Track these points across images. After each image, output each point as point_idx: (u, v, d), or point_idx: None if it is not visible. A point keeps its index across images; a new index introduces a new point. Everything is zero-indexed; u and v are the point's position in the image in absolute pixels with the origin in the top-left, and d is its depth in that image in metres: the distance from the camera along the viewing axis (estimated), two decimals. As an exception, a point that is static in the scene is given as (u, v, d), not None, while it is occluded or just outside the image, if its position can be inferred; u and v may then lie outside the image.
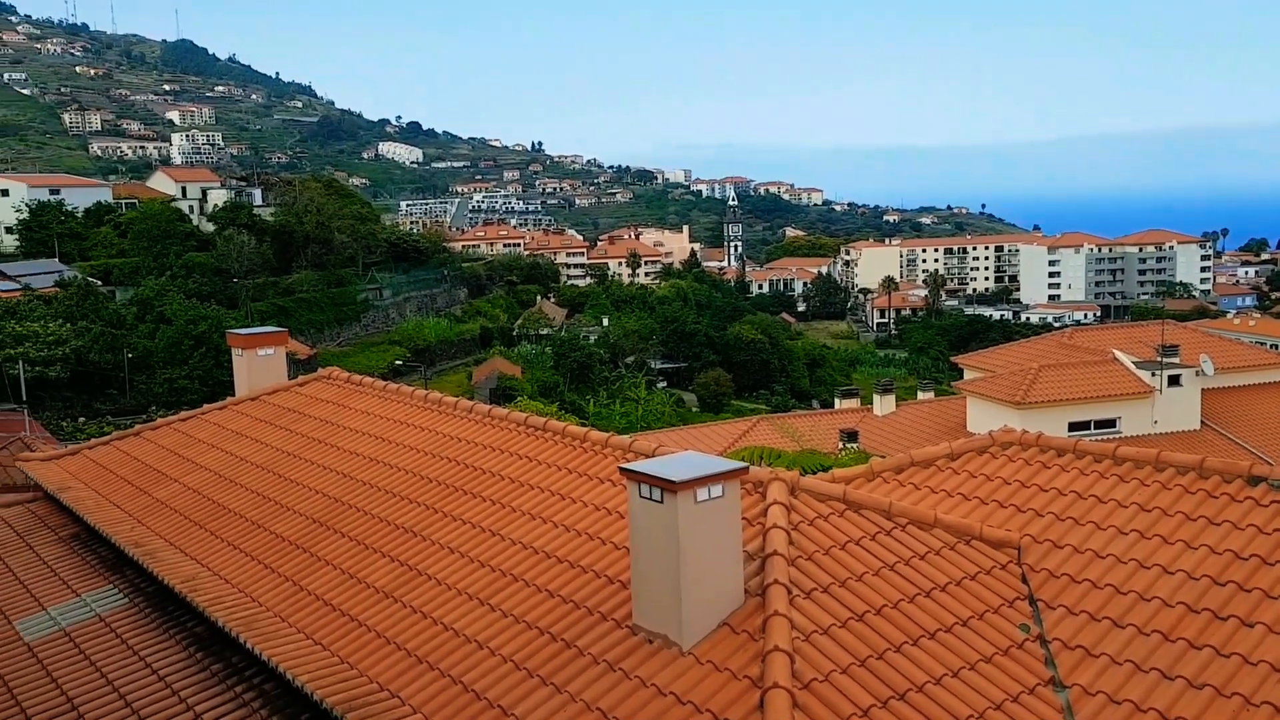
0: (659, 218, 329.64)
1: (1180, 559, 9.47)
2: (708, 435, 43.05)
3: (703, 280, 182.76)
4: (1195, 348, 40.65)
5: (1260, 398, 39.78)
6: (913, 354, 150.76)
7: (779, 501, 9.89)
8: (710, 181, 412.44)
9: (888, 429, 41.78)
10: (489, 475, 12.17)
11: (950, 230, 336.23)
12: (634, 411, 67.90)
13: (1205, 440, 36.72)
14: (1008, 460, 11.72)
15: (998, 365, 41.83)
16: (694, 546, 8.43)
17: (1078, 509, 10.56)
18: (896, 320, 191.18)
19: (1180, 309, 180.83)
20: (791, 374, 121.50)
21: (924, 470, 11.94)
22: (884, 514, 10.31)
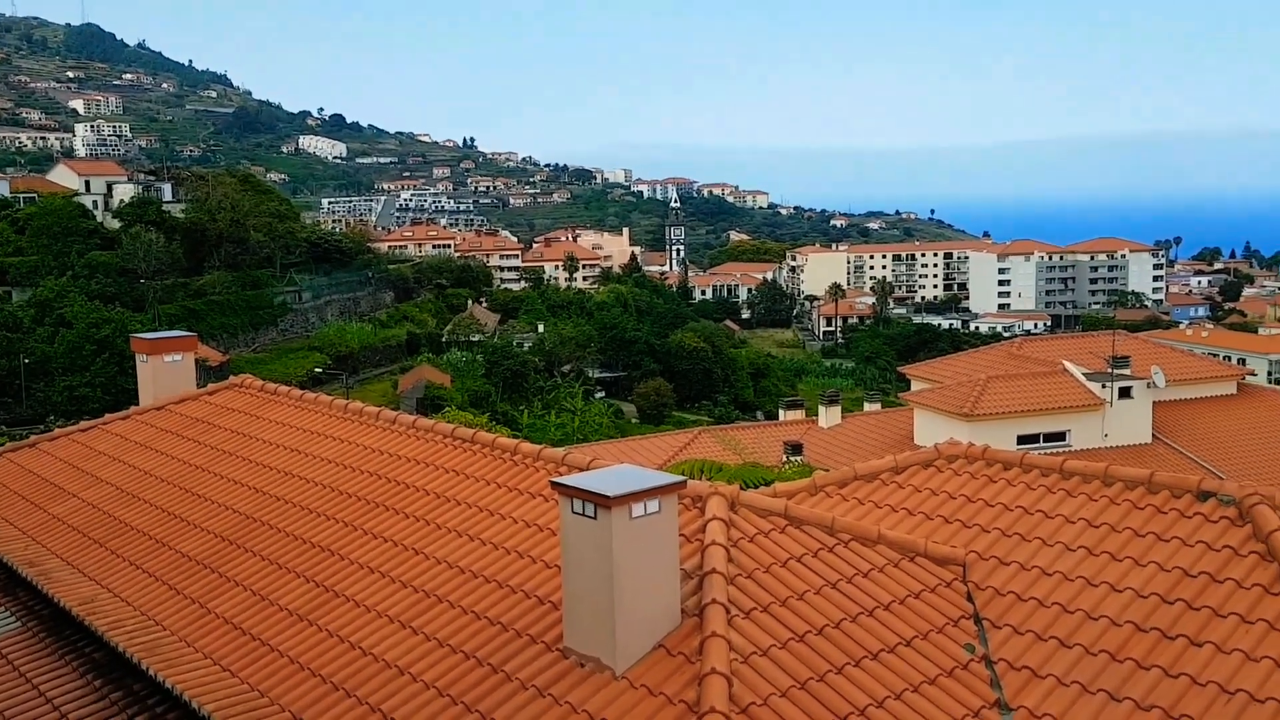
0: (598, 219, 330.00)
1: (1128, 576, 9.69)
2: (647, 448, 43.07)
3: (643, 285, 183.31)
4: (1147, 359, 41.70)
5: (1212, 410, 40.91)
6: (859, 364, 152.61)
7: (718, 517, 9.92)
8: (652, 182, 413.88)
9: (833, 441, 42.18)
10: (413, 490, 12.07)
11: (899, 236, 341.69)
12: (570, 423, 67.75)
13: (1156, 454, 37.66)
14: (954, 474, 11.90)
15: (946, 376, 42.49)
16: (629, 565, 8.42)
17: (1024, 524, 10.75)
18: (843, 328, 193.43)
19: (1132, 319, 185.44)
20: (735, 384, 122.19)
21: (868, 484, 12.07)
22: (826, 530, 10.40)
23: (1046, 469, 11.48)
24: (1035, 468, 11.57)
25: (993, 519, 10.97)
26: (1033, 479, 11.43)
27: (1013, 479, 11.53)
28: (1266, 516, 9.79)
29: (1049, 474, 11.42)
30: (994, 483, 11.57)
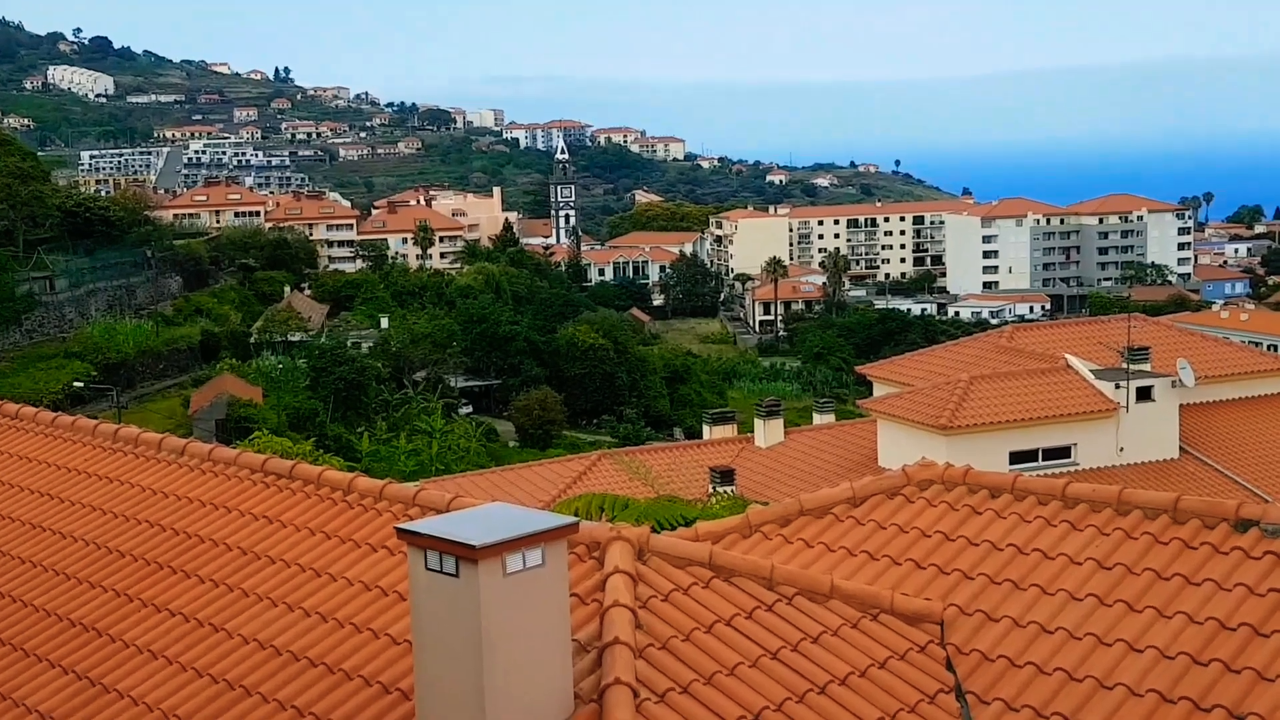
0: (459, 176, 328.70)
1: (1150, 631, 9.97)
2: (530, 479, 43.00)
3: (522, 263, 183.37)
4: (1172, 350, 43.06)
5: (1254, 414, 42.42)
6: (807, 363, 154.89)
7: (623, 570, 9.94)
8: (531, 127, 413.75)
9: (774, 466, 42.55)
10: (208, 545, 11.94)
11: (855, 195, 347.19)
12: (427, 449, 67.31)
13: (1185, 472, 38.94)
14: (927, 504, 12.10)
15: (917, 377, 43.32)
16: (503, 637, 8.38)
17: (1018, 568, 10.98)
18: (785, 317, 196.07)
19: (1153, 298, 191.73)
20: (646, 393, 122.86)
21: (818, 521, 12.20)
22: (764, 582, 10.48)
23: (1045, 495, 11.74)
24: (1030, 494, 11.82)
25: (978, 562, 11.18)
26: (1028, 509, 11.68)
27: (1002, 509, 11.77)
28: (1321, 550, 10.17)
29: (1048, 501, 11.68)
30: (979, 515, 11.79)
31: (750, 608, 10.14)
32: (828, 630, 10.12)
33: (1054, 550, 11.07)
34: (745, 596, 10.29)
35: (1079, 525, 11.30)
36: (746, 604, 10.19)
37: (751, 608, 10.15)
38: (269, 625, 10.57)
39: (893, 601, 10.58)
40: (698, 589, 10.22)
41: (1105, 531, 11.12)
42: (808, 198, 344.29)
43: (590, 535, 10.43)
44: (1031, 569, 10.95)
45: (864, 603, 10.52)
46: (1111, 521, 11.22)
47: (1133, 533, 11.01)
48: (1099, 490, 11.57)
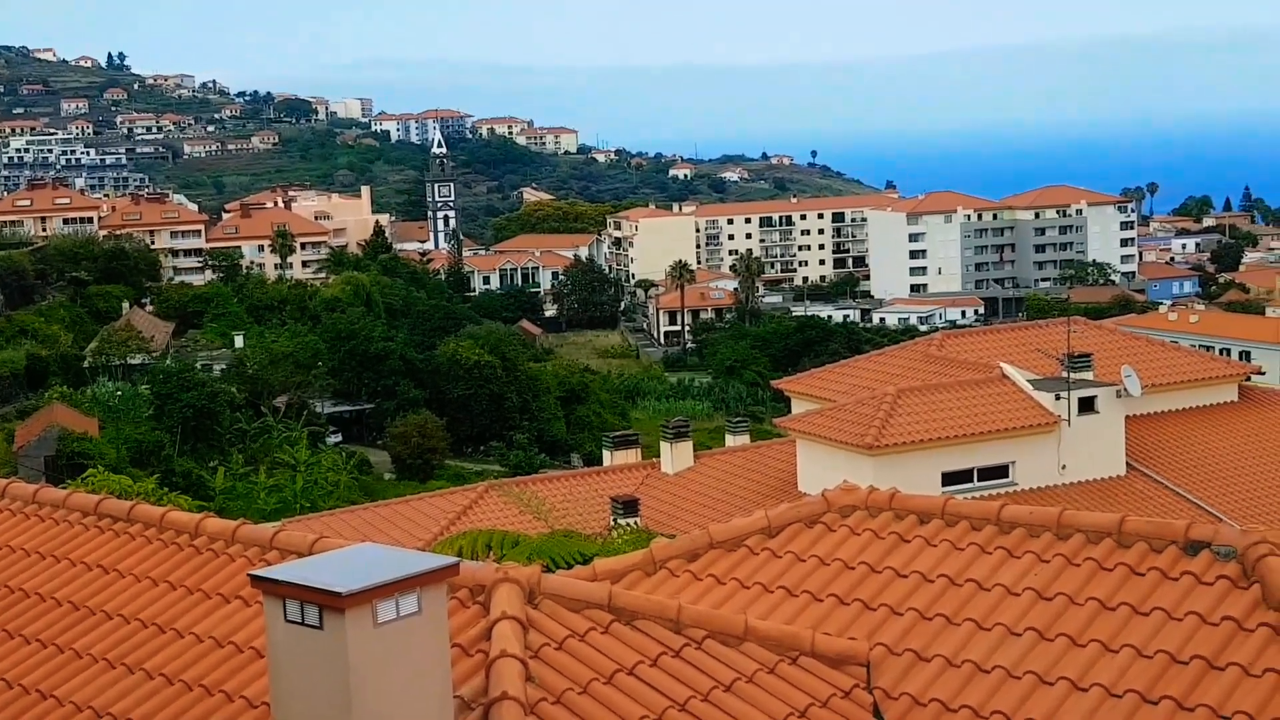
0: (323, 175, 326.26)
1: (1095, 668, 10.13)
2: (408, 516, 42.71)
3: (396, 272, 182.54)
4: (1116, 356, 43.90)
5: (1206, 425, 43.37)
6: (719, 378, 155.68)
7: (511, 615, 9.90)
8: (404, 117, 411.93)
9: (682, 493, 42.65)
10: (33, 600, 11.73)
11: (768, 191, 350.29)
12: (289, 484, 66.51)
13: (1132, 490, 39.70)
14: (850, 533, 12.20)
15: (840, 391, 43.71)
16: (375, 696, 8.30)
17: (950, 601, 11.11)
18: (694, 327, 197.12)
19: (1095, 300, 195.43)
20: (539, 415, 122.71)
21: (730, 554, 12.24)
22: (671, 625, 10.50)
23: (979, 520, 11.90)
24: (963, 518, 11.97)
25: (906, 595, 11.29)
26: (960, 535, 11.83)
27: (932, 536, 11.90)
28: (1278, 574, 10.40)
29: (982, 526, 11.83)
30: (906, 543, 11.91)
31: (655, 654, 10.14)
32: (742, 677, 10.15)
33: (989, 580, 11.21)
34: (649, 641, 10.28)
35: (1016, 552, 11.46)
36: (651, 650, 10.18)
37: (656, 654, 10.15)
38: (105, 690, 10.37)
39: (814, 642, 10.64)
40: (596, 634, 10.21)
41: (1045, 558, 11.28)
42: (716, 194, 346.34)
43: (474, 578, 10.38)
44: (965, 602, 11.08)
45: (782, 645, 10.57)
46: (1051, 547, 11.39)
47: (1074, 559, 11.19)
48: (1037, 513, 11.75)
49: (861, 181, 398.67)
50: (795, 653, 10.55)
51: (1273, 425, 43.84)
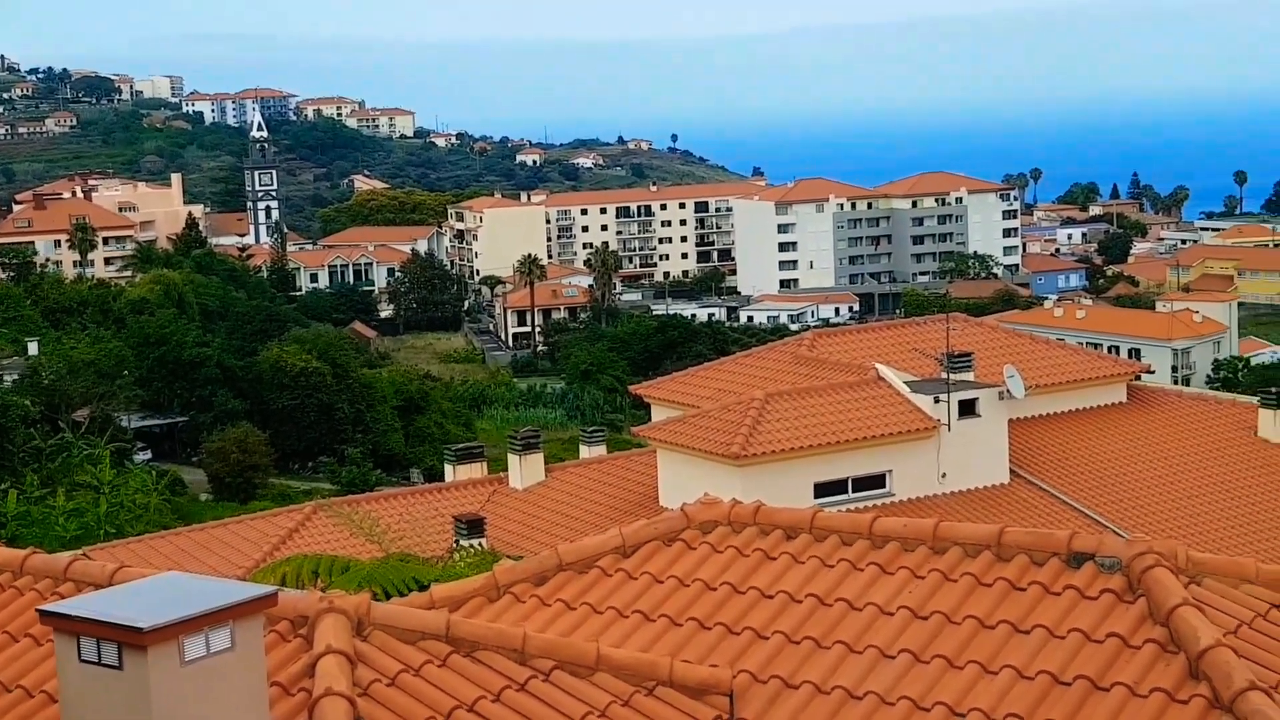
0: (128, 161, 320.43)
1: (973, 692, 10.29)
2: (226, 541, 42.08)
3: (212, 269, 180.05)
4: (998, 355, 44.68)
5: (1094, 428, 44.34)
6: (573, 383, 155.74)
7: (337, 649, 9.79)
8: (219, 97, 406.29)
9: (533, 511, 42.53)
10: None
11: (625, 178, 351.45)
12: (92, 508, 65.08)
13: (1016, 499, 40.45)
14: (711, 550, 12.24)
15: (704, 397, 43.89)
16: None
17: (820, 623, 11.21)
18: (545, 328, 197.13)
19: (976, 295, 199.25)
20: (374, 427, 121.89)
21: (581, 577, 12.24)
22: (515, 655, 10.47)
23: (849, 534, 12.02)
24: (833, 533, 12.09)
25: (772, 618, 11.37)
26: (830, 551, 11.94)
27: (800, 553, 11.99)
28: (1165, 586, 10.66)
29: (853, 541, 11.96)
30: (772, 560, 11.99)
31: (498, 688, 10.10)
32: (594, 711, 10.14)
33: (861, 599, 11.33)
34: (492, 674, 10.24)
35: (889, 568, 11.60)
36: (493, 684, 10.14)
37: (499, 688, 10.11)
38: (-126, 745, 10.06)
39: (672, 671, 10.66)
40: (432, 668, 10.14)
41: (920, 574, 11.44)
42: (568, 181, 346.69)
43: (295, 608, 10.26)
44: (835, 623, 11.18)
45: (638, 674, 10.57)
46: (927, 562, 11.54)
47: (951, 574, 11.36)
48: (911, 525, 11.89)
49: (726, 168, 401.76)
50: (652, 683, 10.56)
51: (1163, 427, 44.98)
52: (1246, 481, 41.68)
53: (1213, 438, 44.35)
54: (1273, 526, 39.35)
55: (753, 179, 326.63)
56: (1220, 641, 9.97)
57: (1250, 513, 40.11)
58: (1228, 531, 38.74)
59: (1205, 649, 9.91)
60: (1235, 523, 39.50)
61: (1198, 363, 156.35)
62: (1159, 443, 43.99)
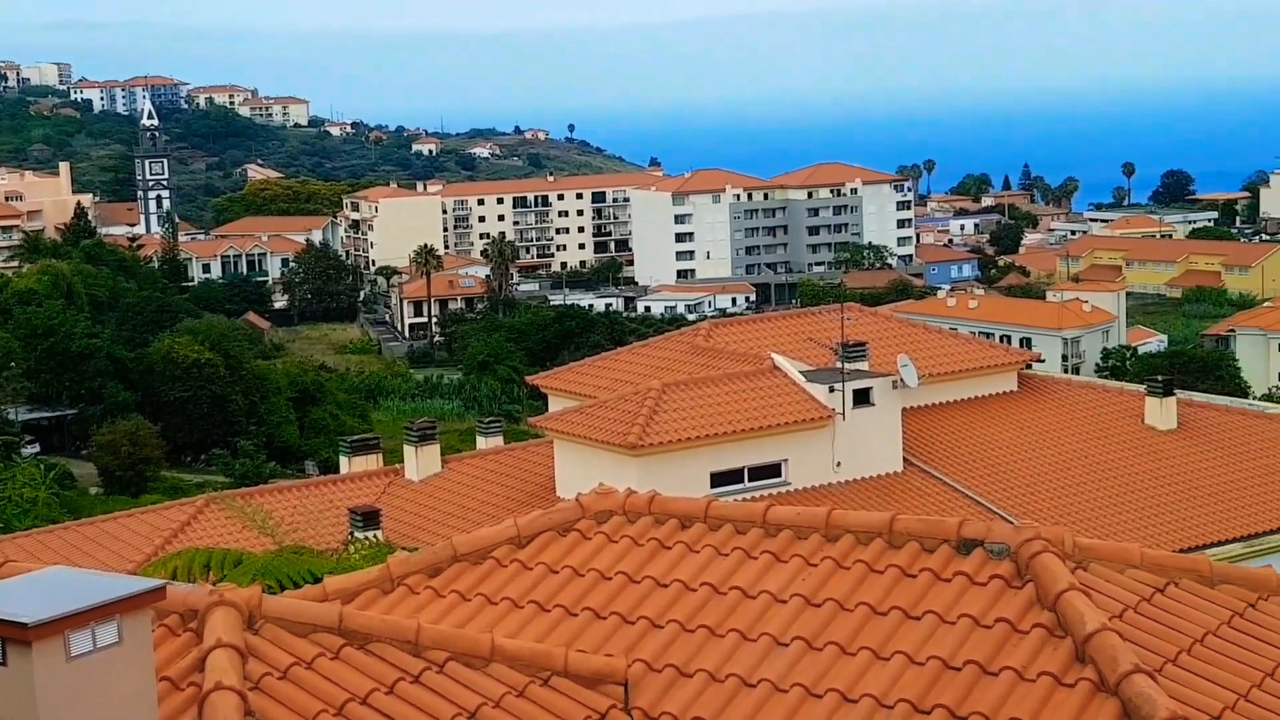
0: (14, 149, 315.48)
1: (865, 678, 10.38)
2: (117, 535, 41.60)
3: (101, 259, 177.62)
4: (892, 344, 45.11)
5: (985, 416, 44.92)
6: (470, 374, 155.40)
7: (227, 643, 9.71)
8: (109, 85, 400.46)
9: (429, 502, 42.41)
10: None
11: (521, 169, 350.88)
12: (-23, 503, 64.09)
13: (910, 487, 40.88)
14: (607, 540, 12.27)
15: (601, 387, 43.98)
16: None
17: (714, 612, 11.26)
18: (442, 319, 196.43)
19: (871, 285, 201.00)
20: (268, 419, 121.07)
21: (476, 568, 12.22)
22: (409, 647, 10.43)
23: (743, 523, 12.08)
24: (727, 522, 12.15)
25: (667, 607, 11.41)
26: (724, 539, 12.00)
27: (695, 542, 12.04)
28: (1052, 571, 10.81)
29: (747, 530, 12.02)
30: (667, 550, 12.03)
31: (391, 680, 10.05)
32: (488, 702, 10.13)
33: (755, 588, 11.39)
34: (385, 666, 10.19)
35: (783, 556, 11.67)
36: (387, 676, 10.09)
37: (393, 680, 10.06)
38: None
39: (567, 661, 10.67)
40: (325, 661, 10.07)
41: (813, 562, 11.52)
42: (464, 171, 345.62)
43: (185, 602, 10.15)
44: (729, 611, 11.24)
45: (532, 665, 10.57)
46: (820, 550, 11.63)
47: (844, 561, 11.45)
48: (804, 514, 11.98)
49: (623, 159, 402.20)
50: (547, 673, 10.57)
51: (1052, 415, 45.64)
52: (1133, 468, 42.40)
53: (1101, 425, 45.07)
54: (1158, 512, 40.08)
55: (650, 169, 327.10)
56: (1106, 625, 10.12)
57: (1136, 499, 40.82)
58: (1114, 517, 39.41)
59: (1091, 633, 10.06)
60: (1122, 509, 40.18)
61: (1087, 351, 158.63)
62: (1049, 430, 44.63)
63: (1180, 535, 38.29)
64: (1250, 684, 10.19)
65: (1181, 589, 11.39)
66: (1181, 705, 9.51)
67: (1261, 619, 11.21)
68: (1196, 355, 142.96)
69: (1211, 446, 43.87)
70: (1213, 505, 40.57)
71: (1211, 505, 40.57)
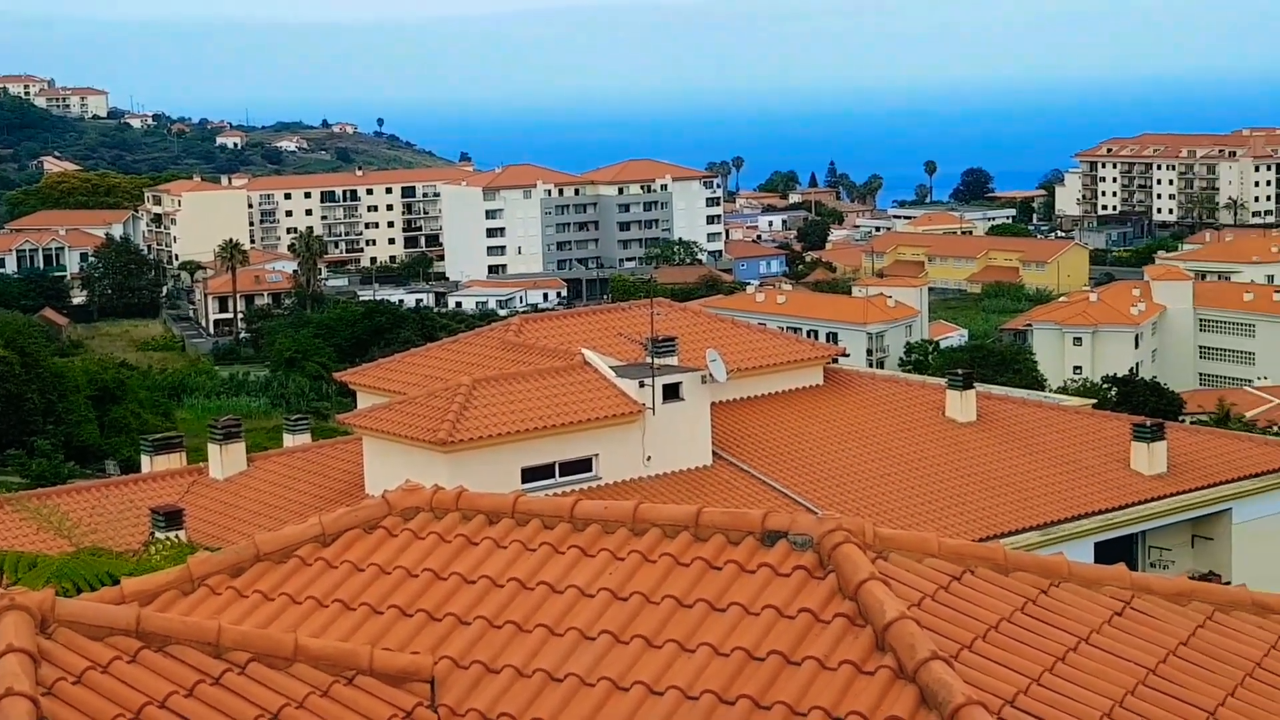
0: None
1: (671, 670, 10.44)
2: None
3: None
4: (702, 339, 45.61)
5: (792, 410, 45.60)
6: (278, 371, 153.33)
7: (18, 648, 9.46)
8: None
9: (234, 502, 41.87)
10: None
11: (329, 163, 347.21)
12: None
13: (719, 480, 41.34)
14: (413, 537, 12.18)
15: (411, 383, 43.74)
16: None
17: (521, 607, 11.25)
18: (249, 315, 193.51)
19: (681, 280, 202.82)
20: (66, 418, 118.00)
21: (279, 567, 12.04)
22: (210, 649, 10.24)
23: (551, 518, 12.08)
24: (535, 516, 12.13)
25: (474, 603, 11.37)
26: (532, 535, 11.99)
27: (502, 537, 12.02)
28: (854, 561, 10.99)
29: (555, 524, 12.02)
30: (475, 546, 11.99)
31: (191, 683, 9.86)
32: (292, 702, 9.99)
33: (562, 582, 11.40)
34: (185, 669, 10.00)
35: (590, 550, 11.69)
36: (186, 679, 9.90)
37: (193, 683, 9.87)
38: None
39: (372, 659, 10.57)
40: (121, 664, 9.85)
41: (620, 556, 11.55)
42: (271, 165, 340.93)
43: (-26, 607, 9.86)
44: (537, 606, 11.23)
45: (337, 664, 10.45)
46: (627, 544, 11.67)
47: (650, 555, 11.50)
48: (612, 508, 12.01)
49: (434, 153, 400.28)
50: (352, 672, 10.46)
51: (857, 408, 46.51)
52: (934, 460, 43.42)
53: (903, 418, 46.05)
54: (957, 502, 41.08)
55: (460, 164, 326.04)
56: (904, 614, 10.31)
57: (937, 490, 41.80)
58: (916, 507, 40.31)
59: (890, 621, 10.24)
60: (923, 499, 41.12)
61: (891, 346, 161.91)
62: (853, 423, 45.46)
63: (979, 525, 39.28)
64: (1042, 668, 10.47)
65: (978, 577, 11.66)
66: (977, 690, 9.72)
67: (1053, 605, 11.54)
68: (995, 349, 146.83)
69: (1009, 438, 45.09)
70: (1010, 495, 41.70)
71: (1009, 495, 41.70)
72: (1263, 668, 11.34)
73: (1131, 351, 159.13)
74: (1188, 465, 43.82)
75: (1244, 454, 45.56)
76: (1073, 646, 10.88)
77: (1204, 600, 12.20)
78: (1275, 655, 11.59)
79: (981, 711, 9.42)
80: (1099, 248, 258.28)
